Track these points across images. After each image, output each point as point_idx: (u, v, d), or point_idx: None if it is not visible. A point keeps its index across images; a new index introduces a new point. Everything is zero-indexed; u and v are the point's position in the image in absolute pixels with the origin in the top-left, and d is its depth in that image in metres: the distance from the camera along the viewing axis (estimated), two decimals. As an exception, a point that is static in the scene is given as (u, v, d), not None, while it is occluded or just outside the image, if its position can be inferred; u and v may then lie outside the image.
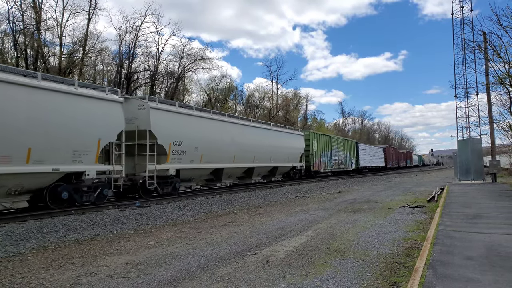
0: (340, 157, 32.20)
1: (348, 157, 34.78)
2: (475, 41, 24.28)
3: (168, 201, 12.67)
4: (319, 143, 27.93)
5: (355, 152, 37.24)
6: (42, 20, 26.27)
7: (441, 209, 9.37)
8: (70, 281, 4.61)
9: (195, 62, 37.61)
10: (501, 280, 3.84)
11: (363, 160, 39.84)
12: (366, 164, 41.22)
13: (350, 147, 35.67)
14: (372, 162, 44.24)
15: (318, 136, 28.48)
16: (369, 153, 43.41)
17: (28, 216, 8.96)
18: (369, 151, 43.82)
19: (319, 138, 28.41)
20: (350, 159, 35.42)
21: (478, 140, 23.23)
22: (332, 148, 30.36)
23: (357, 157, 37.85)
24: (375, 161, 45.52)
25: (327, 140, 30.14)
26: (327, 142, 29.75)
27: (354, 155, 36.74)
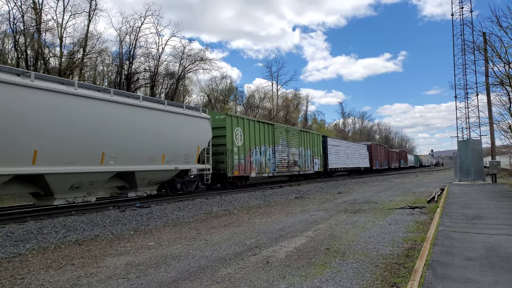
0: (292, 155, 23.12)
1: (309, 156, 25.54)
2: (475, 42, 24.30)
3: (168, 201, 12.66)
4: (249, 134, 18.50)
5: (320, 149, 28.03)
6: (43, 21, 26.29)
7: (441, 209, 9.36)
8: (70, 282, 4.61)
9: (195, 63, 37.61)
10: (501, 281, 3.84)
11: (335, 160, 31.70)
12: (341, 165, 33.10)
13: (312, 142, 26.48)
14: (351, 162, 36.22)
15: (247, 123, 18.47)
16: (346, 151, 35.18)
17: (28, 216, 8.96)
18: (345, 148, 35.26)
19: (248, 125, 18.49)
20: (312, 159, 26.23)
21: (478, 140, 23.23)
22: (276, 143, 21.14)
23: (324, 155, 29.29)
24: (355, 161, 37.54)
25: (266, 129, 20.41)
26: (265, 132, 20.20)
27: (319, 153, 27.76)
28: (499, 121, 22.24)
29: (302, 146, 24.75)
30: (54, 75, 24.77)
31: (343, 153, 34.39)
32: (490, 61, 18.44)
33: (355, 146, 39.57)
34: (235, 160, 17.27)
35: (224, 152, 16.81)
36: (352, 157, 36.85)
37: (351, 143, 39.42)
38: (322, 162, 28.56)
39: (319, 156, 27.87)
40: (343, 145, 35.19)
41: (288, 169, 22.51)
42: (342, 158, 33.81)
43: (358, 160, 38.68)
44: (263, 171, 19.88)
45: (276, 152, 21.28)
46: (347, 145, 36.73)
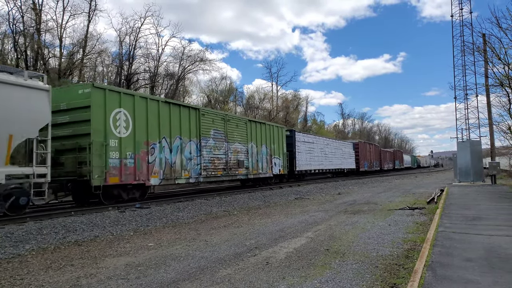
0: (235, 154, 17.15)
1: (264, 155, 19.84)
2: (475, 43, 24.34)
3: (168, 202, 12.66)
4: (147, 120, 12.60)
5: (283, 146, 22.27)
6: (42, 21, 26.31)
7: (441, 210, 9.37)
8: (69, 282, 4.60)
9: (195, 63, 37.64)
10: (501, 282, 3.85)
11: (307, 160, 25.89)
12: (316, 167, 27.29)
13: (270, 136, 20.57)
14: (330, 163, 30.47)
15: (141, 104, 12.44)
16: (323, 149, 29.35)
17: (28, 217, 8.95)
18: (322, 146, 29.34)
19: (145, 107, 12.52)
20: (270, 158, 20.45)
21: (478, 142, 23.26)
22: (204, 135, 15.23)
23: (291, 155, 23.71)
24: (336, 162, 31.90)
25: (184, 116, 14.35)
26: (183, 120, 14.22)
27: (282, 152, 21.95)
28: (499, 122, 22.30)
29: (253, 142, 18.78)
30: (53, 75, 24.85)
31: (319, 152, 28.45)
32: (489, 62, 18.49)
33: (337, 144, 33.40)
34: (112, 159, 11.02)
35: (88, 147, 10.46)
36: (332, 157, 31.25)
37: (331, 140, 32.80)
38: (286, 162, 22.47)
39: (281, 155, 21.81)
40: (319, 142, 29.01)
41: (226, 172, 16.29)
42: (318, 158, 27.93)
43: (340, 160, 33.26)
44: (177, 176, 13.59)
45: (204, 148, 15.00)
46: (325, 143, 30.63)
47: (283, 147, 22.43)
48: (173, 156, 13.54)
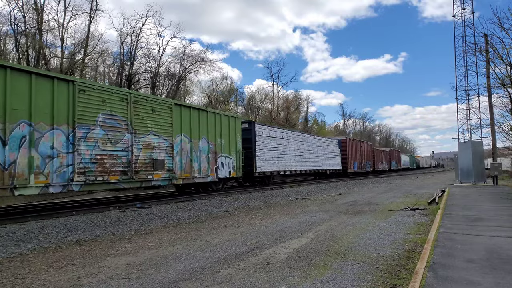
0: (147, 150, 12.38)
1: (204, 152, 15.12)
2: (477, 44, 24.31)
3: (169, 202, 12.67)
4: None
5: (238, 141, 17.42)
6: (44, 21, 26.36)
7: (442, 211, 9.35)
8: (71, 281, 4.61)
9: (196, 63, 37.65)
10: (502, 283, 3.84)
11: (273, 159, 21.25)
12: (286, 167, 22.70)
13: (216, 128, 15.95)
14: (306, 163, 25.82)
15: None
16: (298, 147, 24.72)
17: (29, 216, 8.97)
18: (296, 142, 24.68)
19: None
20: (214, 157, 15.74)
21: (479, 142, 23.21)
22: (80, 120, 10.27)
23: (250, 152, 19.09)
24: (315, 162, 27.17)
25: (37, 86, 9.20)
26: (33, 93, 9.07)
27: (234, 149, 17.14)
28: (501, 122, 22.30)
29: (185, 134, 13.89)
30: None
31: (291, 149, 23.80)
32: (491, 63, 18.46)
33: (316, 141, 28.10)
34: None
35: None
36: (310, 155, 26.41)
37: (309, 136, 27.71)
38: (242, 162, 17.61)
39: (233, 153, 16.95)
40: (291, 138, 24.11)
41: (128, 177, 11.45)
42: (289, 157, 23.43)
43: (321, 160, 28.41)
44: (18, 183, 8.69)
45: (83, 141, 10.25)
46: (301, 139, 25.46)
47: (237, 142, 17.27)
48: (9, 151, 8.58)
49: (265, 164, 20.47)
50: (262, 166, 20.10)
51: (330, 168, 30.65)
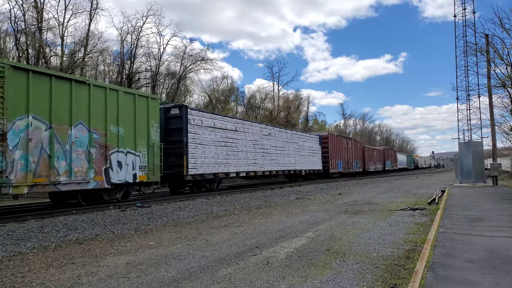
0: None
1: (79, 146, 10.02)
2: (477, 44, 24.32)
3: (169, 201, 12.67)
4: None
5: (148, 130, 12.42)
6: (44, 20, 26.34)
7: (442, 211, 9.35)
8: (70, 280, 4.61)
9: (196, 63, 37.64)
10: (502, 283, 3.84)
11: (217, 158, 16.33)
12: (240, 168, 17.91)
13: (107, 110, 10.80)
14: (273, 163, 21.01)
15: None
16: (258, 141, 19.78)
17: (29, 215, 8.97)
18: (258, 137, 19.90)
19: None
20: (105, 153, 10.73)
21: (480, 142, 23.21)
22: None
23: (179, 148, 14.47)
24: (285, 161, 22.50)
25: None
26: None
27: (143, 141, 12.18)
28: (501, 123, 22.28)
29: (43, 118, 9.26)
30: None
31: (251, 145, 18.69)
32: (492, 63, 18.46)
33: (287, 136, 23.11)
34: None
35: None
36: (278, 153, 21.53)
37: (276, 129, 22.59)
38: (157, 160, 12.69)
39: (143, 148, 12.20)
40: (251, 131, 19.09)
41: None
42: (247, 155, 18.31)
43: (294, 158, 23.55)
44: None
45: None
46: (265, 132, 20.45)
47: (150, 133, 12.45)
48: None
49: (204, 163, 15.19)
50: (199, 167, 14.88)
51: (307, 168, 25.38)
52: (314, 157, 27.19)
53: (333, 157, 30.01)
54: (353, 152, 35.64)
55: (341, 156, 32.09)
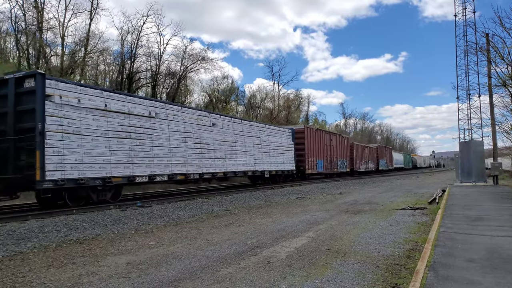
0: None
1: None
2: (478, 43, 24.29)
3: (169, 201, 12.68)
4: None
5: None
6: (44, 19, 26.37)
7: (443, 211, 9.34)
8: (71, 280, 4.61)
9: (196, 62, 37.63)
10: (503, 283, 3.83)
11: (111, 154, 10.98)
12: (153, 170, 12.42)
13: None
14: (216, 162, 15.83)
15: None
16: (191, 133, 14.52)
17: (29, 215, 8.97)
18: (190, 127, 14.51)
19: None
20: None
21: (480, 142, 23.20)
22: None
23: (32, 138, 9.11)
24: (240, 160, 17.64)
25: None
26: None
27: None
28: (502, 122, 22.27)
29: None
30: (55, 74, 24.87)
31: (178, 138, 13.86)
32: (492, 62, 18.45)
33: (243, 127, 18.17)
34: None
35: None
36: (227, 150, 16.59)
37: (227, 118, 17.54)
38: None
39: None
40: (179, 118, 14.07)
41: None
42: (168, 152, 13.36)
43: (255, 156, 18.67)
44: None
45: None
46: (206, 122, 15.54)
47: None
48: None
49: (83, 163, 10.28)
50: (72, 167, 9.92)
51: (273, 168, 20.19)
52: (284, 155, 22.07)
53: (311, 155, 25.35)
54: (338, 150, 31.14)
55: (322, 154, 27.45)
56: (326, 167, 28.06)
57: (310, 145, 25.54)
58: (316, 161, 26.26)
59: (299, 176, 24.74)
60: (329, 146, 28.96)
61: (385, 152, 49.79)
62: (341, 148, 32.08)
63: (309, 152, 25.27)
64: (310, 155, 25.38)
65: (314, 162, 25.98)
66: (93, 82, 31.45)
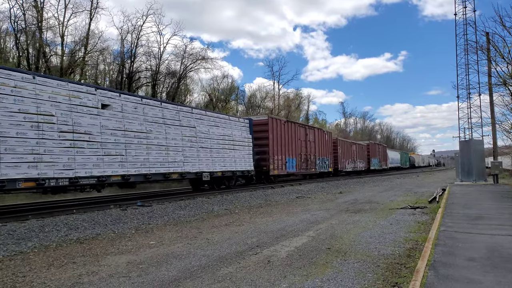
0: None
1: None
2: (478, 42, 24.28)
3: (170, 200, 12.68)
4: None
5: None
6: (44, 19, 26.34)
7: (443, 210, 9.34)
8: (71, 280, 4.61)
9: (196, 62, 37.63)
10: (503, 282, 3.83)
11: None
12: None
13: None
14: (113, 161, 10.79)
15: None
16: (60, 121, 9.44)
17: (30, 215, 8.97)
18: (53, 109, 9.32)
19: None
20: None
21: (480, 141, 23.20)
22: None
23: None
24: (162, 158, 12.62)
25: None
26: None
27: None
28: (502, 121, 22.27)
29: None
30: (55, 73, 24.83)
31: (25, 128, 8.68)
32: (493, 61, 18.44)
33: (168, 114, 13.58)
34: None
35: None
36: (134, 144, 11.74)
37: (131, 99, 12.14)
38: None
39: None
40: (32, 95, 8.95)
41: None
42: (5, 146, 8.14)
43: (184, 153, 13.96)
44: None
45: None
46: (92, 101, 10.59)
47: None
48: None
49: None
50: None
51: (217, 169, 15.66)
52: (236, 151, 17.06)
53: (277, 152, 20.50)
54: (318, 146, 26.45)
55: (295, 151, 22.73)
56: (300, 166, 23.25)
57: (277, 140, 20.66)
58: (285, 160, 21.36)
59: (262, 178, 20.31)
60: (304, 142, 24.32)
61: (378, 150, 45.53)
62: (321, 145, 27.41)
63: (275, 148, 20.43)
64: (277, 152, 20.49)
65: (283, 161, 21.13)
66: (93, 81, 31.43)
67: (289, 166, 22.01)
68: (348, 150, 34.84)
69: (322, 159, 27.59)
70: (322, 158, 27.58)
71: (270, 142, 19.94)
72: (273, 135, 20.30)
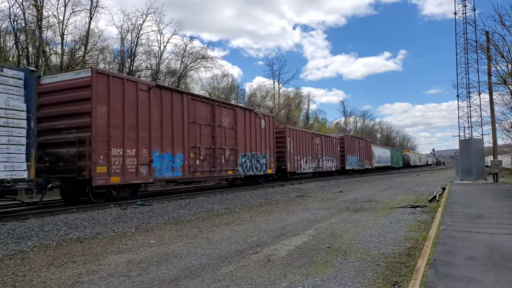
0: None
1: None
2: (478, 41, 24.25)
3: (170, 199, 12.68)
4: None
5: None
6: (43, 18, 26.27)
7: (443, 209, 9.35)
8: (71, 279, 4.61)
9: (196, 61, 37.59)
10: (503, 280, 3.83)
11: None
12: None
13: None
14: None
15: None
16: None
17: (30, 214, 8.98)
18: None
19: None
20: None
21: (480, 140, 23.20)
22: None
23: None
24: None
25: None
26: None
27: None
28: (501, 120, 22.28)
29: None
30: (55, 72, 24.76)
31: None
32: (493, 60, 18.43)
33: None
34: None
35: None
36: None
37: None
38: None
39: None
40: None
41: None
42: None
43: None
44: None
45: None
46: None
47: None
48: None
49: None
50: None
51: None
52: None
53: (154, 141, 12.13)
54: (249, 136, 17.87)
55: (181, 141, 13.41)
56: (190, 167, 13.78)
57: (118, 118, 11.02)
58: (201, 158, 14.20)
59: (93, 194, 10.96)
60: (219, 128, 15.52)
61: (359, 146, 36.70)
62: (261, 135, 18.98)
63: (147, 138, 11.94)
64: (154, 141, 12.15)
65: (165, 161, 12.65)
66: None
67: (174, 169, 13.02)
68: (306, 144, 25.39)
69: (257, 156, 18.61)
70: (257, 155, 18.60)
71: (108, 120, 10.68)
72: (108, 107, 10.66)
